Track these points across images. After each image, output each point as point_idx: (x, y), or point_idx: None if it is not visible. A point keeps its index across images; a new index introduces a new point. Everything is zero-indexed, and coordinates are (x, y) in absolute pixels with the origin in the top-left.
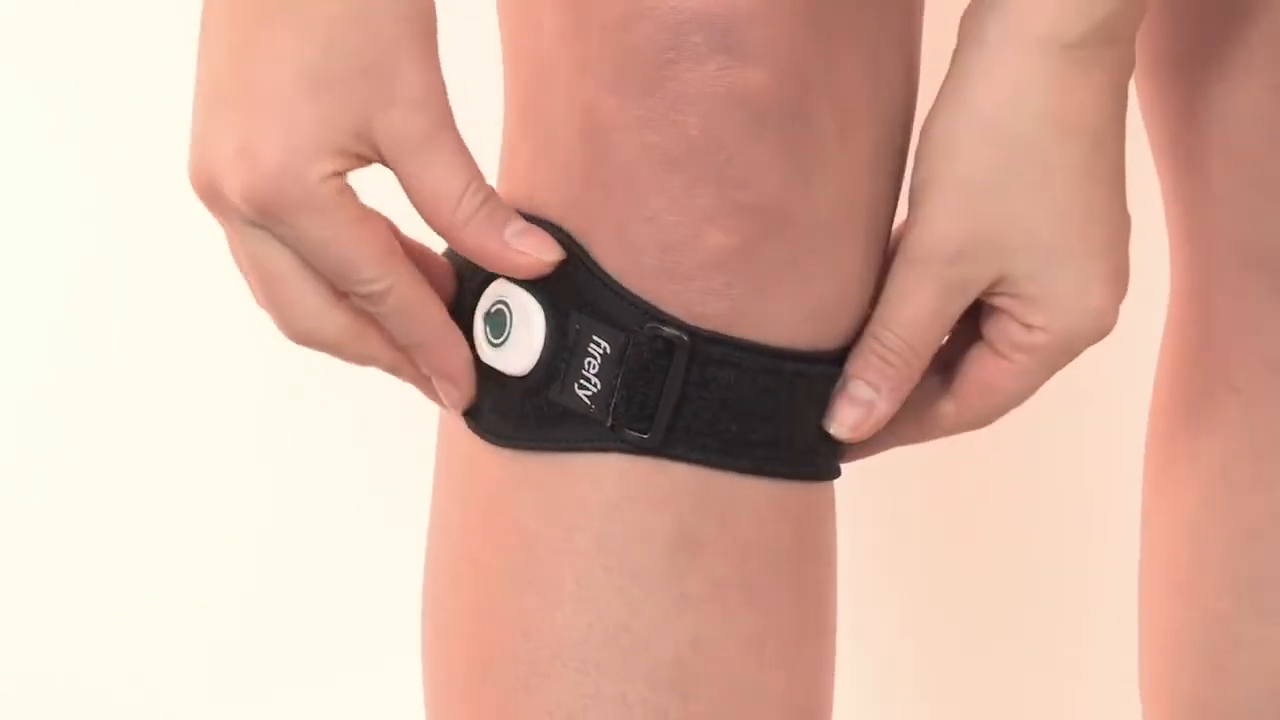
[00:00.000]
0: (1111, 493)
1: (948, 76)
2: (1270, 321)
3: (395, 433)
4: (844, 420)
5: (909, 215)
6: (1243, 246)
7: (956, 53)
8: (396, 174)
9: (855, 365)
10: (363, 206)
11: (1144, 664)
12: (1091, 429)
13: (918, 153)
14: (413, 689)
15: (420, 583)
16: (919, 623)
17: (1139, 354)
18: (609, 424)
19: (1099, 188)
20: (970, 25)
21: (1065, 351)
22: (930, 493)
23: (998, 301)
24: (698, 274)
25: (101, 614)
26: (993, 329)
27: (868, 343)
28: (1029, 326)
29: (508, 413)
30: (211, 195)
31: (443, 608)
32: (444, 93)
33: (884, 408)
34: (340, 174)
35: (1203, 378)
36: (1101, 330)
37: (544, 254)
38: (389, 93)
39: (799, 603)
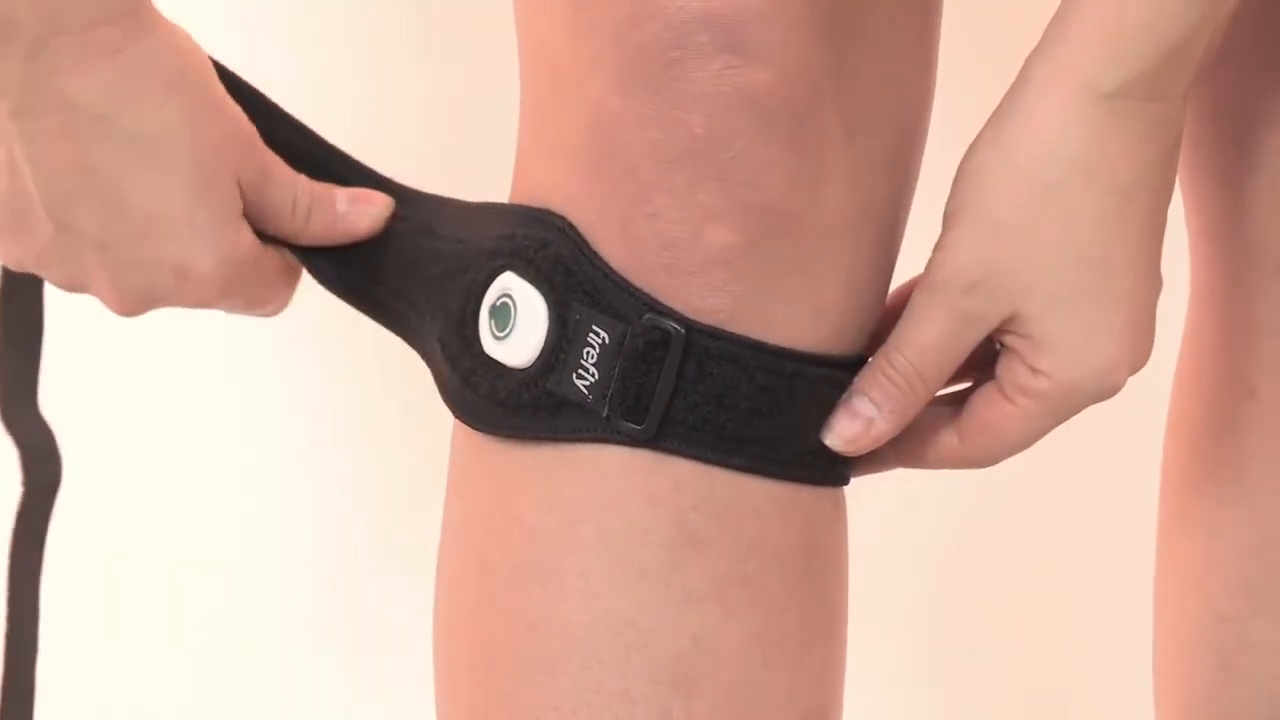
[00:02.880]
0: (1130, 493)
1: (996, 110)
2: None
3: (412, 429)
4: (840, 432)
5: (937, 241)
6: (1265, 251)
7: (1010, 90)
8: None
9: (863, 380)
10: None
11: (1157, 664)
12: (1111, 431)
13: (954, 179)
14: (424, 682)
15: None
16: (931, 624)
17: (1159, 355)
18: (604, 414)
19: (1121, 241)
20: (1026, 65)
21: (1066, 402)
22: (944, 492)
23: (1008, 340)
24: (699, 270)
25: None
26: (1002, 369)
27: (878, 360)
28: (1035, 370)
29: (506, 403)
30: (145, 311)
31: (451, 602)
32: (254, 135)
33: (883, 427)
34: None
35: (1220, 380)
36: (1104, 388)
37: (373, 207)
38: (249, 167)
39: (804, 606)
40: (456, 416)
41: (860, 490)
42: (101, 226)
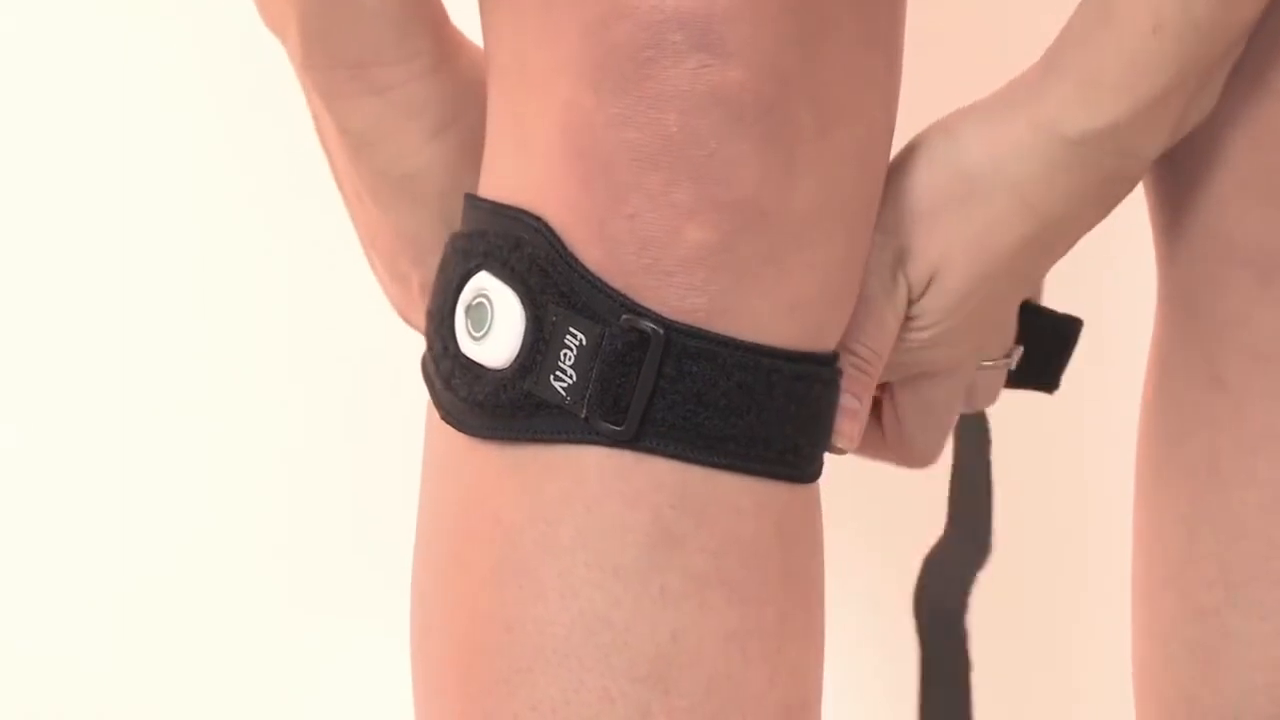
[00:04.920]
0: (1104, 489)
1: (964, 108)
2: (1257, 314)
3: (387, 426)
4: (840, 431)
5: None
6: (1230, 245)
7: (986, 99)
8: None
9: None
10: None
11: (1135, 659)
12: (1083, 425)
13: (900, 151)
14: (402, 684)
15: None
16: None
17: (1130, 352)
18: (583, 416)
19: (1031, 266)
20: (1009, 84)
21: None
22: (922, 489)
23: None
24: (677, 270)
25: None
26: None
27: (845, 357)
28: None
29: (485, 405)
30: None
31: (427, 603)
32: None
33: (864, 415)
34: None
35: (1190, 373)
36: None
37: None
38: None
39: (782, 601)
40: (441, 416)
41: (857, 490)
42: (369, 237)
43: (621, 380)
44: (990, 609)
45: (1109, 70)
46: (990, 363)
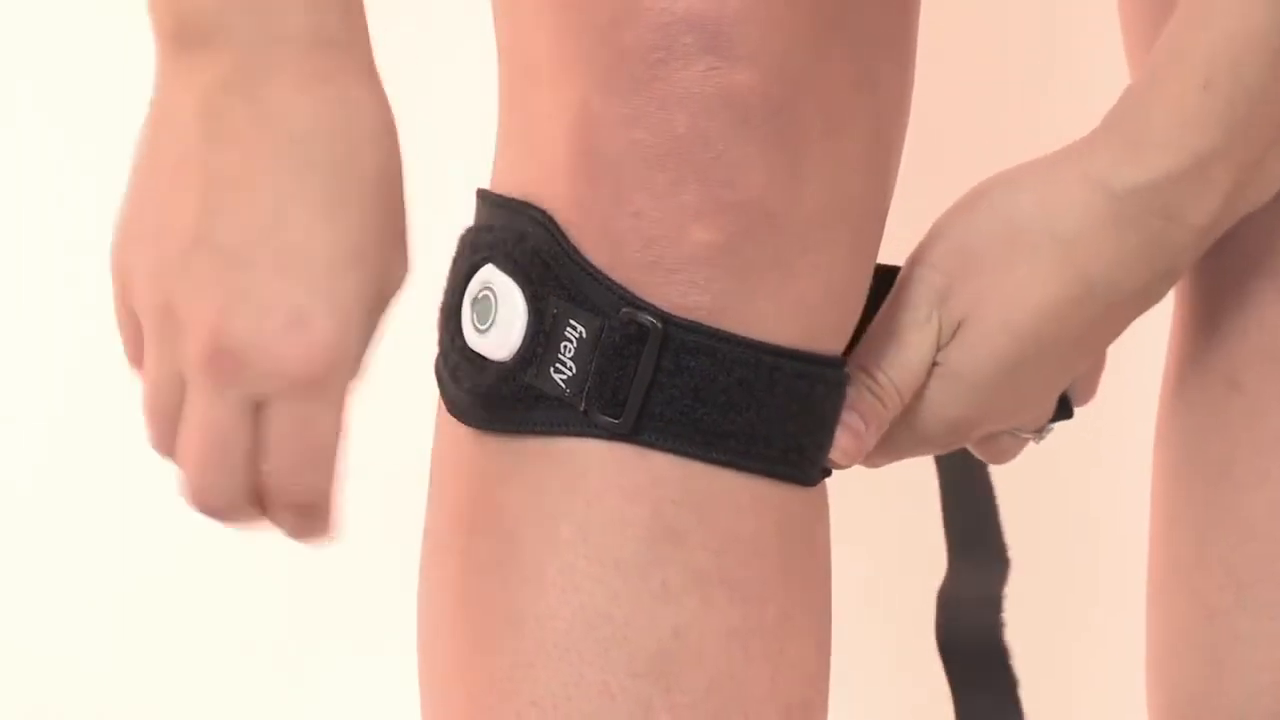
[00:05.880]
0: (1121, 489)
1: (1025, 163)
2: (1275, 318)
3: (396, 423)
4: (838, 445)
5: (917, 253)
6: (1253, 257)
7: (1047, 155)
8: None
9: (850, 396)
10: None
11: (1148, 658)
12: (1101, 427)
13: (961, 198)
14: (407, 682)
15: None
16: (920, 622)
17: (1149, 354)
18: (582, 408)
19: (1059, 329)
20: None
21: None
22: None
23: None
24: (681, 268)
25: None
26: None
27: (861, 376)
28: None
29: (487, 397)
30: (233, 364)
31: (433, 598)
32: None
33: (870, 440)
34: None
35: (1207, 375)
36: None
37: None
38: (401, 261)
39: (784, 601)
40: (447, 409)
41: (854, 492)
42: (239, 246)
43: (620, 373)
44: (1007, 608)
45: (1158, 125)
46: (1021, 434)
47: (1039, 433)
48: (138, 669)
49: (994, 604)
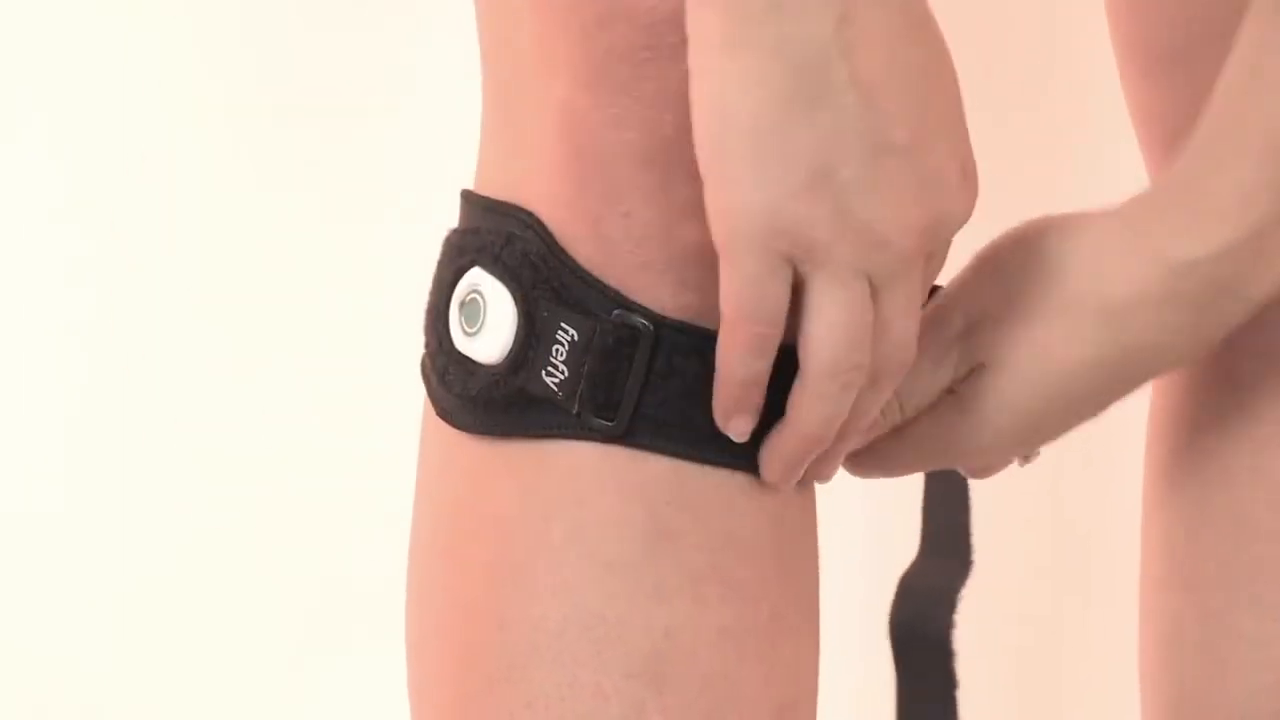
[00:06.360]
0: (1114, 487)
1: (1077, 213)
2: (1270, 315)
3: (387, 425)
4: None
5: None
6: None
7: (1100, 211)
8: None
9: None
10: None
11: (1143, 657)
12: (1092, 425)
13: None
14: (398, 682)
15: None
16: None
17: None
18: (575, 411)
19: (1090, 389)
20: (1142, 195)
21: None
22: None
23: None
24: (671, 268)
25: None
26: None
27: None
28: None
29: (478, 401)
30: (935, 234)
31: (423, 601)
32: None
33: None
34: None
35: (1202, 372)
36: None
37: None
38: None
39: (777, 599)
40: (436, 412)
41: (852, 491)
42: (911, 137)
43: (612, 375)
44: (1000, 607)
45: (1217, 196)
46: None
47: (1028, 457)
48: (138, 669)
49: (949, 602)
